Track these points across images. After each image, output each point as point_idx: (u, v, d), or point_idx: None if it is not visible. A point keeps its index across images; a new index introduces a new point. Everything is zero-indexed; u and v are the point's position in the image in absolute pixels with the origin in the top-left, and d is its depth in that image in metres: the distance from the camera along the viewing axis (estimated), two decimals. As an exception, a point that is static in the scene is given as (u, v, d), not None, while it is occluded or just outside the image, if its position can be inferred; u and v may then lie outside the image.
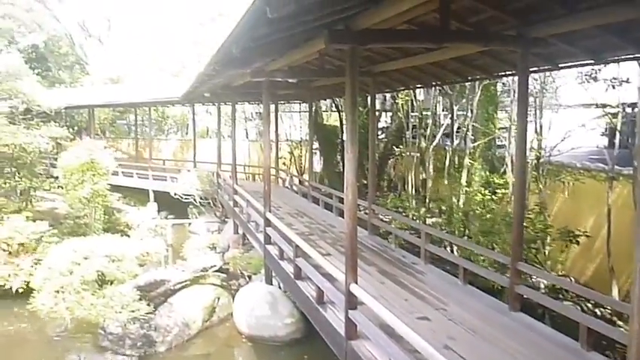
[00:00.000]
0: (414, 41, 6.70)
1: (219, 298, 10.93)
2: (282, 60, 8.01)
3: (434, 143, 14.88)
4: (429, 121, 15.25)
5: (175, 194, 16.54)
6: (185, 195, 16.43)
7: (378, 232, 11.12)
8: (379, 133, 19.38)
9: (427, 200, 14.46)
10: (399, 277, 8.17)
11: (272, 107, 16.69)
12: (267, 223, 9.78)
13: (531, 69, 6.94)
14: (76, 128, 26.31)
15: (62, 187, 15.76)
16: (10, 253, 12.27)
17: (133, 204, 20.57)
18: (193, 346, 9.88)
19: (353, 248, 5.74)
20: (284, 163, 21.00)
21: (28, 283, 11.34)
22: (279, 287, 10.51)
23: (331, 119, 22.25)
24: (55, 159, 17.17)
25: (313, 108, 17.60)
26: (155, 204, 19.97)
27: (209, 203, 17.25)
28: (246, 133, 26.28)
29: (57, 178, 16.35)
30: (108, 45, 38.05)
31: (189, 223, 18.36)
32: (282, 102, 19.85)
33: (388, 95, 19.28)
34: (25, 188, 15.63)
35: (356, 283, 5.75)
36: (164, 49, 33.19)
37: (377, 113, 16.20)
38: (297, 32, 5.20)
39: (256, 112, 25.81)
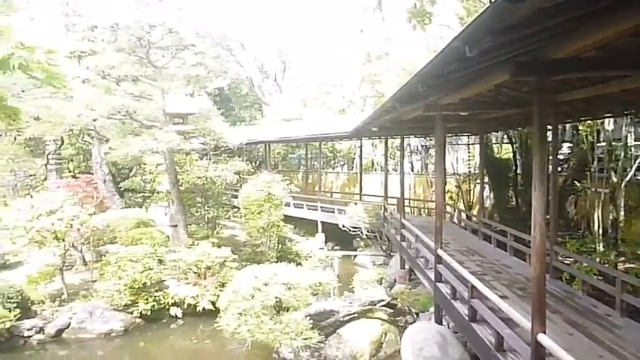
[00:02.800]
0: (607, 69, 6.05)
1: (386, 334, 10.78)
2: (457, 94, 7.83)
3: (627, 178, 13.20)
4: (620, 153, 13.60)
5: (343, 226, 16.97)
6: (352, 227, 16.77)
7: (560, 277, 10.09)
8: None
9: (618, 243, 12.79)
10: (590, 329, 7.24)
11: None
12: (439, 260, 9.46)
13: None
14: (254, 163, 28.67)
15: (242, 217, 17.24)
16: (198, 275, 13.61)
17: (302, 234, 21.64)
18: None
19: (540, 294, 5.25)
20: (451, 198, 20.38)
21: (214, 303, 12.50)
22: (449, 327, 10.07)
23: (502, 152, 21.13)
24: (236, 190, 18.90)
25: (484, 141, 16.88)
26: (323, 235, 20.75)
27: (375, 236, 17.37)
28: (412, 166, 26.17)
29: (237, 208, 17.94)
30: (283, 85, 41.33)
31: (355, 256, 18.69)
32: (450, 135, 19.41)
33: (568, 125, 17.73)
34: (212, 217, 17.37)
35: (544, 332, 5.22)
36: (332, 87, 35.00)
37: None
38: (482, 67, 5.02)
39: (422, 145, 25.62)
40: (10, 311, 11.22)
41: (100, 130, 18.07)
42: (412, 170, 26.24)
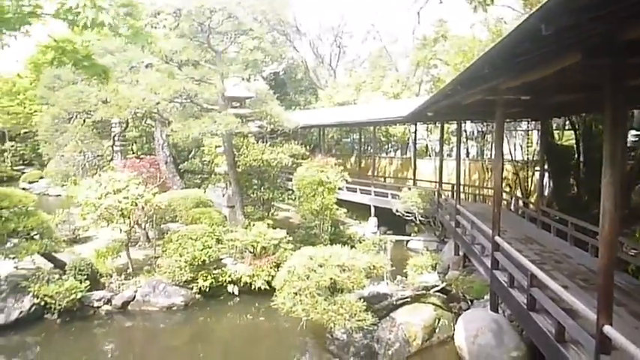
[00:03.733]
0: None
1: (439, 319, 10.80)
2: (522, 77, 7.63)
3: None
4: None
5: (396, 211, 16.94)
6: (406, 212, 16.71)
7: (626, 269, 9.73)
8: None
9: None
10: (657, 323, 7.00)
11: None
12: (496, 247, 9.33)
13: None
14: (308, 147, 28.92)
15: (296, 199, 17.52)
16: (254, 255, 13.99)
17: (355, 218, 21.75)
18: (412, 364, 9.93)
19: (607, 285, 5.13)
20: (508, 185, 19.89)
21: (269, 282, 12.86)
22: (505, 315, 9.96)
23: (564, 139, 20.36)
24: (291, 173, 19.19)
25: (544, 127, 16.35)
26: (375, 219, 20.79)
27: (428, 222, 17.25)
28: (467, 151, 25.65)
29: (292, 191, 18.23)
30: (337, 70, 41.26)
31: (408, 241, 18.64)
32: (509, 120, 18.89)
33: (637, 112, 16.85)
34: (268, 199, 17.74)
35: (610, 324, 5.11)
36: (387, 72, 34.65)
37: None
38: (552, 48, 4.90)
39: (478, 131, 25.05)
40: (81, 282, 11.97)
41: (162, 113, 18.75)
42: (467, 156, 25.74)
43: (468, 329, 9.69)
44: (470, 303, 11.50)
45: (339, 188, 17.50)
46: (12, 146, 44.75)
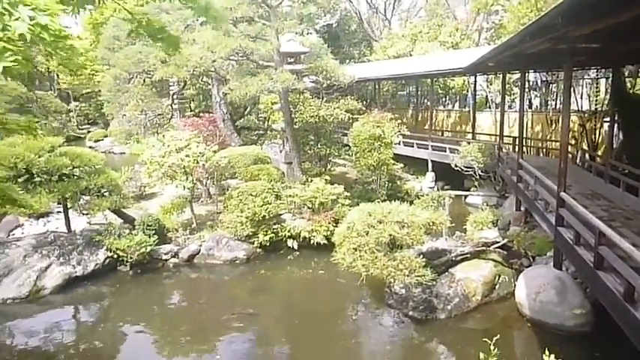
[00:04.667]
0: None
1: (500, 276, 10.70)
2: (594, 24, 7.13)
3: None
4: None
5: (455, 166, 16.63)
6: (465, 167, 16.36)
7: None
8: None
9: None
10: None
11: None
12: (561, 203, 9.03)
13: None
14: (365, 102, 28.58)
15: (352, 155, 17.51)
16: (312, 210, 14.21)
17: (412, 173, 21.55)
18: (472, 319, 9.94)
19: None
20: (573, 137, 19.01)
21: (327, 237, 13.10)
22: (568, 273, 9.75)
23: (637, 87, 19.05)
24: (346, 128, 19.10)
25: (616, 75, 15.36)
26: (432, 174, 20.52)
27: (488, 177, 16.85)
28: (530, 103, 24.56)
29: (348, 146, 18.20)
30: (392, 20, 39.99)
31: (466, 196, 18.36)
32: (577, 69, 17.84)
33: None
34: (325, 154, 17.82)
35: (685, 285, 4.90)
36: (444, 20, 33.26)
37: None
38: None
39: (542, 80, 23.85)
40: (149, 237, 12.62)
41: (218, 71, 18.94)
42: (530, 107, 24.67)
43: (529, 286, 9.58)
44: (532, 260, 11.30)
45: (397, 143, 17.32)
46: (77, 106, 46.76)
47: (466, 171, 16.86)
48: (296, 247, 13.77)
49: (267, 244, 13.49)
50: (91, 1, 3.20)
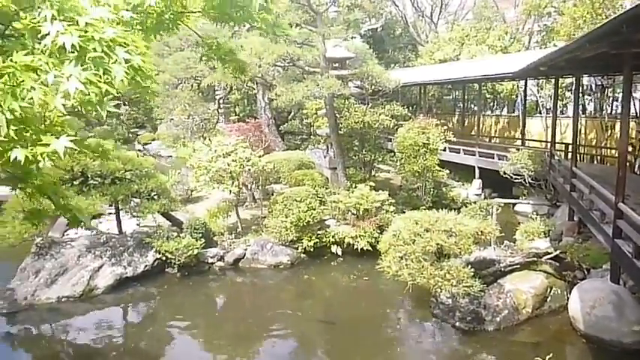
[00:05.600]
0: None
1: (551, 288, 10.32)
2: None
3: None
4: None
5: (504, 173, 16.18)
6: (515, 175, 15.90)
7: None
8: None
9: None
10: None
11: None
12: (619, 214, 8.63)
13: None
14: (411, 108, 28.30)
15: (397, 161, 17.33)
16: (357, 217, 14.13)
17: (458, 179, 21.12)
18: (522, 332, 9.62)
19: None
20: (631, 145, 18.19)
21: (371, 244, 13.00)
22: (626, 287, 9.30)
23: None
24: (390, 134, 18.92)
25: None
26: (479, 181, 20.05)
27: (539, 184, 16.31)
28: (583, 108, 23.69)
29: (392, 152, 18.03)
30: (438, 23, 39.44)
31: (514, 204, 17.85)
32: (636, 73, 17.06)
33: None
34: (369, 160, 17.71)
35: None
36: (493, 23, 32.56)
37: None
38: None
39: (596, 85, 22.97)
40: (197, 240, 12.83)
41: (264, 76, 19.15)
42: (584, 112, 23.80)
43: (584, 299, 9.19)
44: (586, 272, 10.85)
45: (442, 149, 17.03)
46: (126, 110, 48.28)
47: (515, 178, 16.38)
48: (340, 253, 13.72)
49: (312, 249, 13.49)
50: (165, 28, 3.26)
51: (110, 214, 15.20)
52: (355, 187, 15.20)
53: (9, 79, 2.02)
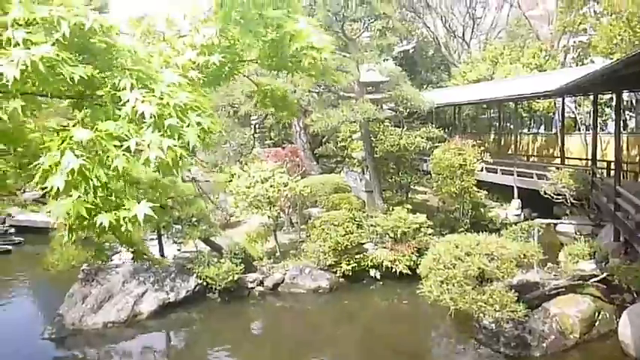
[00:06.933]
0: None
1: (599, 312, 10.01)
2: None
3: None
4: None
5: (544, 193, 15.87)
6: (555, 195, 15.58)
7: None
8: None
9: None
10: None
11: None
12: (668, 235, 8.38)
13: None
14: (446, 130, 28.17)
15: (432, 182, 17.25)
16: (395, 240, 14.08)
17: (496, 199, 20.81)
18: (570, 358, 9.37)
19: None
20: (675, 161, 17.66)
21: (410, 267, 12.93)
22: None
23: None
24: (425, 155, 18.86)
25: None
26: (518, 201, 19.71)
27: (581, 204, 15.93)
28: (624, 124, 23.13)
29: (428, 173, 17.95)
30: (471, 42, 39.34)
31: (556, 224, 17.45)
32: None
33: None
34: (406, 183, 17.68)
35: None
36: (527, 41, 32.29)
37: None
38: None
39: (637, 100, 22.44)
40: (236, 265, 13.01)
41: (300, 102, 19.45)
42: (624, 129, 23.20)
43: (635, 324, 8.90)
44: (635, 295, 10.47)
45: (479, 170, 16.88)
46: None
47: (556, 198, 16.05)
48: (378, 276, 13.67)
49: (350, 273, 13.49)
50: (224, 80, 3.46)
51: (152, 239, 15.59)
52: (392, 209, 15.17)
53: (95, 147, 2.20)
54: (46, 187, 2.23)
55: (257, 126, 28.06)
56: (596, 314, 9.97)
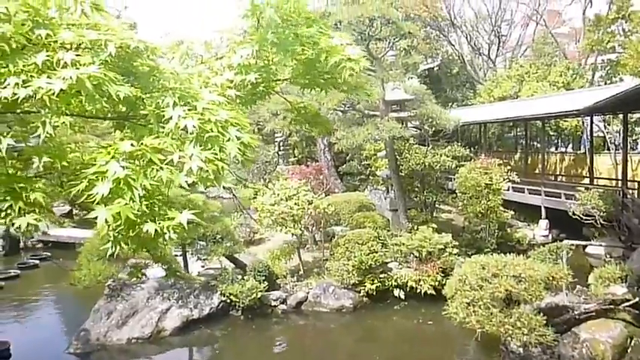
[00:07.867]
0: None
1: (632, 338, 9.70)
2: None
3: None
4: None
5: (573, 213, 15.55)
6: (585, 215, 15.24)
7: None
8: None
9: None
10: None
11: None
12: None
13: None
14: (472, 149, 27.95)
15: (458, 201, 17.07)
16: (420, 259, 13.93)
17: (523, 219, 20.47)
18: (602, 385, 9.07)
19: None
20: None
21: (435, 288, 12.77)
22: None
23: None
24: (450, 173, 18.70)
25: None
26: (546, 221, 19.34)
27: (611, 225, 15.55)
28: (655, 143, 22.69)
29: (454, 192, 17.78)
30: (497, 60, 39.12)
31: (585, 246, 17.06)
32: None
33: None
34: (431, 202, 17.53)
35: None
36: (553, 59, 31.98)
37: None
38: None
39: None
40: (260, 283, 13.02)
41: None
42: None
43: (670, 352, 8.59)
44: (672, 321, 10.15)
45: (506, 189, 16.66)
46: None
47: (585, 219, 15.70)
48: (403, 296, 13.50)
49: (374, 292, 13.36)
50: (259, 98, 3.53)
51: (176, 255, 15.73)
52: (417, 229, 15.04)
53: (141, 159, 2.29)
54: (75, 202, 2.31)
55: (281, 143, 28.29)
56: (629, 340, 9.66)
